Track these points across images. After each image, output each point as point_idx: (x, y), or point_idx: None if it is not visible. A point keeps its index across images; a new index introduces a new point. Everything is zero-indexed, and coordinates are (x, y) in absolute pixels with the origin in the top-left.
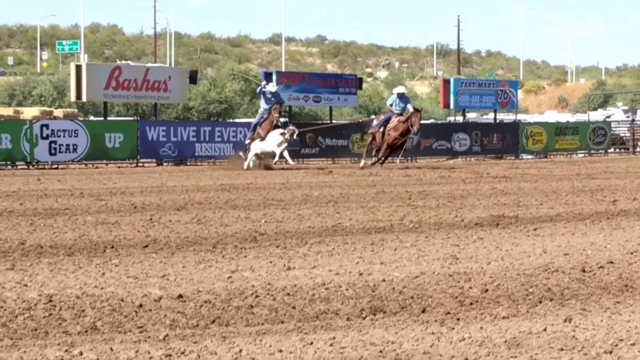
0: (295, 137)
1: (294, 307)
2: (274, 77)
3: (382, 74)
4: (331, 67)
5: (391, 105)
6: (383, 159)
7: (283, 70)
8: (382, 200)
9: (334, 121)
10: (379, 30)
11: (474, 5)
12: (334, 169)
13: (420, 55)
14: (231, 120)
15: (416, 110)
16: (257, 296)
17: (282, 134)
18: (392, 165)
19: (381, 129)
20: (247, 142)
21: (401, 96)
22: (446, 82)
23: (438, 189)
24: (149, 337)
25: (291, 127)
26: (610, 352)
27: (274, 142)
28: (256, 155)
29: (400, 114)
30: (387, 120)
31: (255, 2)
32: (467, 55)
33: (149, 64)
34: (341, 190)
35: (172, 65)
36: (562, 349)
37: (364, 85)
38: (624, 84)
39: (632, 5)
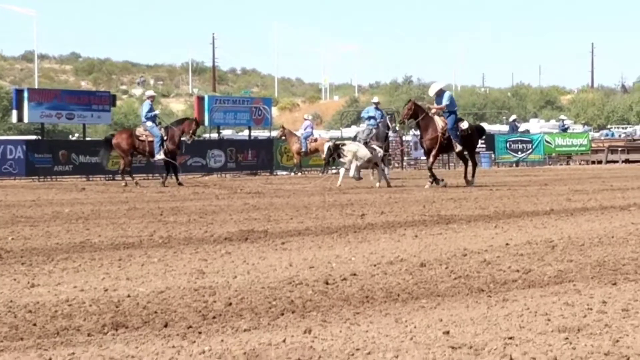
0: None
1: (35, 324)
2: (26, 94)
3: (138, 91)
4: (86, 85)
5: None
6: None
7: (36, 87)
8: (133, 217)
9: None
10: (133, 47)
11: (229, 23)
12: (87, 186)
13: (175, 72)
14: None
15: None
16: None
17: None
18: (146, 183)
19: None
20: None
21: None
22: (200, 100)
23: (190, 205)
24: None
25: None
26: None
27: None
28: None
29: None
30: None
31: (6, 18)
32: (223, 73)
33: None
34: (93, 207)
35: None
36: (299, 359)
37: (119, 103)
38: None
39: (385, 26)
